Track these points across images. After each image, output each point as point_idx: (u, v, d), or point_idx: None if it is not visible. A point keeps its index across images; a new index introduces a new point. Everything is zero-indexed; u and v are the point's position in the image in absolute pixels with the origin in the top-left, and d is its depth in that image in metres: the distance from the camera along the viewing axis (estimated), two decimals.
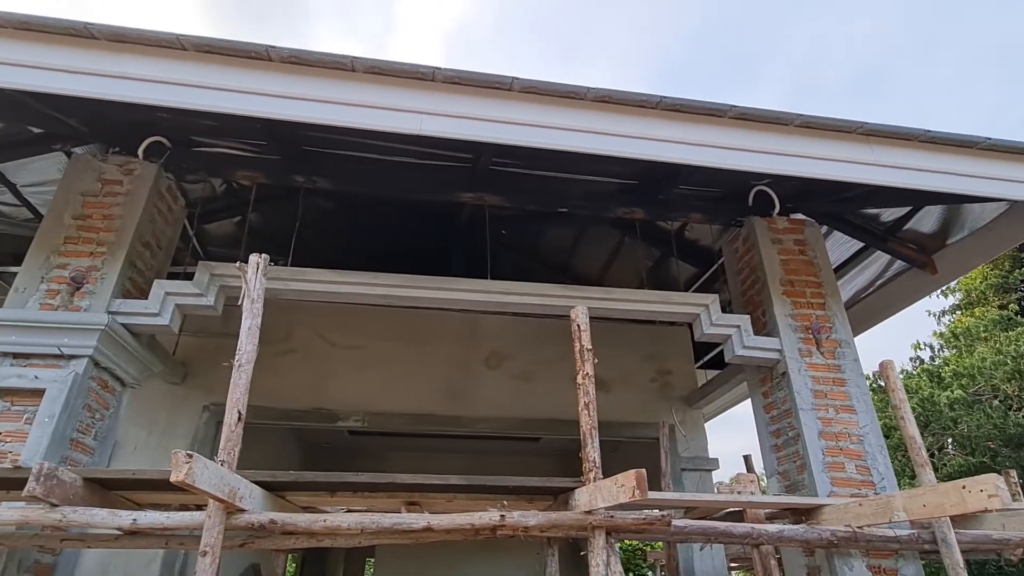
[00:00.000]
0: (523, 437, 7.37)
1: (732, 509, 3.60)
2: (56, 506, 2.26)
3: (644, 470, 2.20)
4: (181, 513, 2.36)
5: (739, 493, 3.29)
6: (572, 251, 6.75)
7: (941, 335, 13.99)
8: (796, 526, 3.00)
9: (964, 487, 2.41)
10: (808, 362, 4.17)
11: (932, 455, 11.14)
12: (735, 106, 3.46)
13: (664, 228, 5.70)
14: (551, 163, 4.40)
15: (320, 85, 3.12)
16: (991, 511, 2.59)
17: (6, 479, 2.48)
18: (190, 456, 1.98)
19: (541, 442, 8.40)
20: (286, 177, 4.31)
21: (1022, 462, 9.36)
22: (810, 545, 3.17)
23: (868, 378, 12.95)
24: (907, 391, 12.13)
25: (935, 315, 15.41)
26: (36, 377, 3.23)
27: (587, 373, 2.94)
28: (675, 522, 2.73)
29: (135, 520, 2.29)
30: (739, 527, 2.90)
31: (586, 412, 2.84)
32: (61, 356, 3.33)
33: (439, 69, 3.18)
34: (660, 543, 10.61)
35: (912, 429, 3.05)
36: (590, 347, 3.01)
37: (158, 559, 4.81)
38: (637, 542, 16.00)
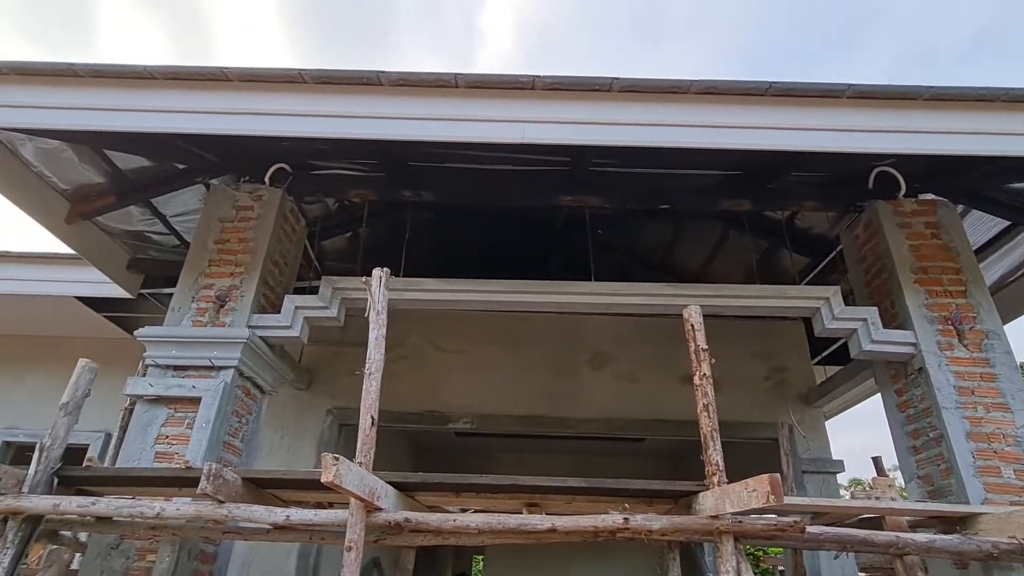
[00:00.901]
0: (627, 438, 7.28)
1: (867, 516, 3.36)
2: (222, 503, 2.53)
3: (778, 475, 2.11)
4: (327, 511, 2.57)
5: (877, 499, 3.06)
6: (671, 247, 6.57)
7: None
8: (949, 536, 2.74)
9: None
10: (949, 356, 3.80)
11: None
12: (853, 84, 3.23)
13: (772, 218, 5.40)
14: (651, 160, 4.31)
15: (427, 104, 3.28)
16: None
17: (177, 478, 2.81)
18: (337, 459, 2.15)
19: (645, 443, 8.25)
20: (394, 192, 4.55)
21: None
22: (965, 557, 2.89)
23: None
24: None
25: None
26: (194, 387, 3.63)
27: (704, 374, 2.86)
28: (809, 528, 2.60)
29: (288, 516, 2.52)
30: (881, 535, 2.70)
31: (705, 414, 2.77)
32: (212, 367, 3.72)
33: (539, 77, 3.23)
34: (778, 549, 10.07)
35: None
36: (706, 347, 2.93)
37: (295, 551, 5.24)
38: (748, 545, 15.24)
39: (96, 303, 5.61)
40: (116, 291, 5.13)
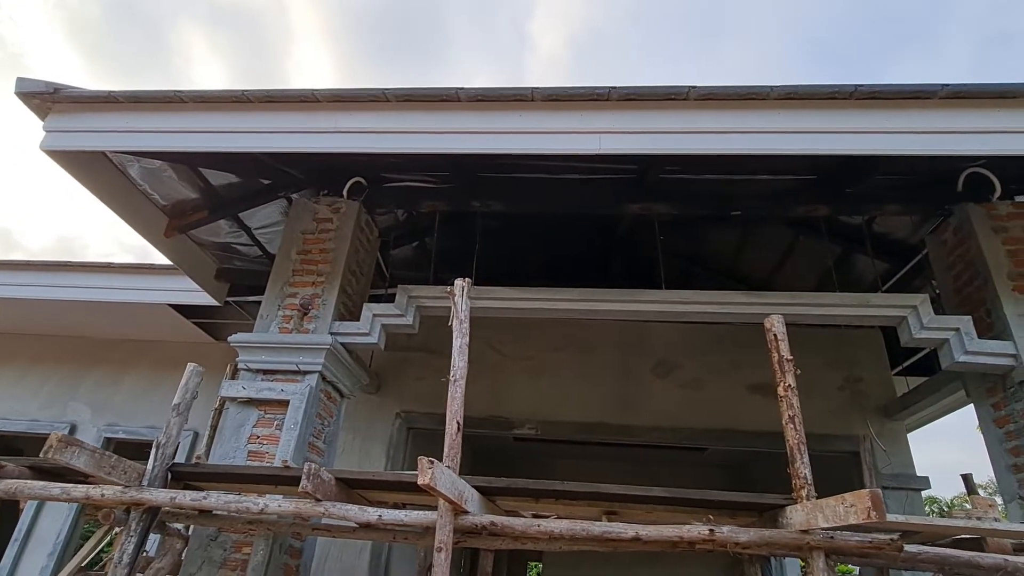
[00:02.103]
0: (689, 447, 7.15)
1: (964, 536, 3.19)
2: (319, 500, 2.68)
3: (879, 491, 2.05)
4: (416, 512, 2.67)
5: (978, 519, 2.91)
6: (738, 253, 6.44)
7: None
8: None
9: None
10: None
11: None
12: (947, 85, 3.11)
13: (848, 223, 5.21)
14: (721, 166, 4.27)
15: (504, 118, 3.37)
16: None
17: (276, 476, 2.98)
18: (432, 462, 2.24)
19: (707, 453, 8.07)
20: (464, 203, 4.66)
21: None
22: None
23: None
24: None
25: None
26: (282, 390, 3.83)
27: (789, 385, 2.81)
28: (906, 547, 2.50)
29: (380, 516, 2.63)
30: (988, 558, 2.57)
31: (791, 426, 2.72)
32: (298, 371, 3.92)
33: (614, 88, 3.26)
34: (851, 567, 9.61)
35: None
36: (790, 357, 2.88)
37: (368, 550, 5.42)
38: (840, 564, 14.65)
39: (187, 310, 6.00)
40: (205, 299, 5.47)
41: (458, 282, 3.03)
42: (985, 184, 4.10)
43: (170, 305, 5.82)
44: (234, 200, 4.74)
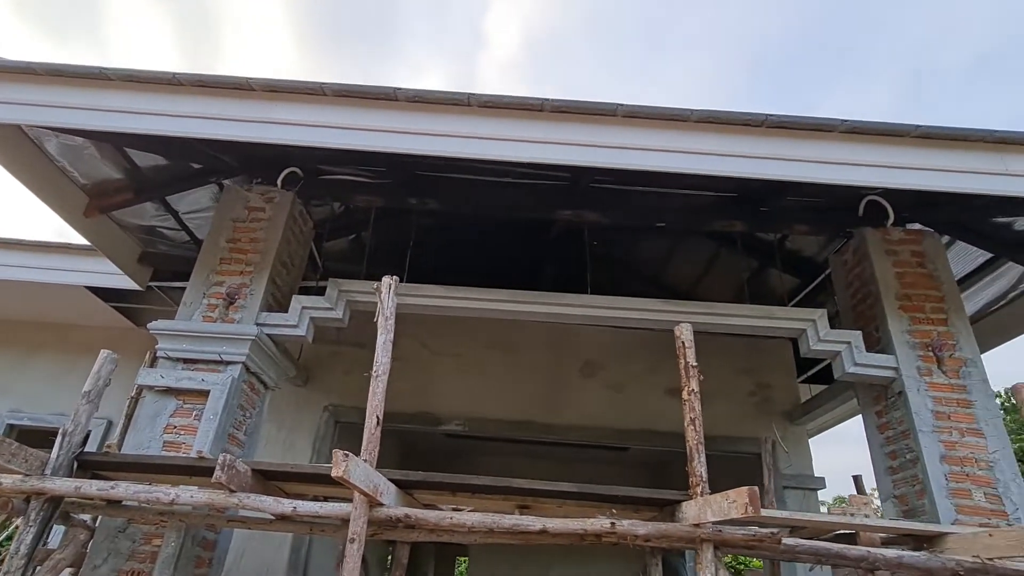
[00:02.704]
0: (613, 447, 7.44)
1: (843, 531, 3.52)
2: (233, 492, 2.67)
3: (756, 488, 2.27)
4: (331, 504, 2.71)
5: (852, 515, 3.23)
6: (665, 262, 6.76)
7: None
8: (917, 553, 2.90)
9: None
10: (929, 381, 3.98)
11: None
12: (846, 120, 3.42)
13: (764, 239, 5.59)
14: (649, 179, 4.49)
15: (440, 120, 3.44)
16: None
17: (190, 466, 2.95)
18: (347, 455, 2.30)
19: (629, 452, 8.41)
20: (400, 200, 4.70)
21: None
22: (932, 574, 3.06)
23: (999, 396, 11.83)
24: None
25: None
26: (203, 380, 3.77)
27: (693, 389, 3.03)
28: (785, 540, 2.76)
29: (295, 508, 2.66)
30: (853, 550, 2.87)
31: (692, 427, 2.93)
32: (221, 362, 3.86)
33: (547, 100, 3.40)
34: (758, 561, 10.24)
35: None
36: (695, 364, 3.10)
37: (287, 543, 5.36)
38: (730, 557, 15.48)
39: (105, 293, 5.73)
40: (126, 283, 5.26)
41: (385, 279, 3.09)
42: (882, 211, 4.50)
43: (87, 287, 5.55)
44: (162, 183, 4.59)
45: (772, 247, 5.45)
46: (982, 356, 4.22)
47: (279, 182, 4.53)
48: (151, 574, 3.27)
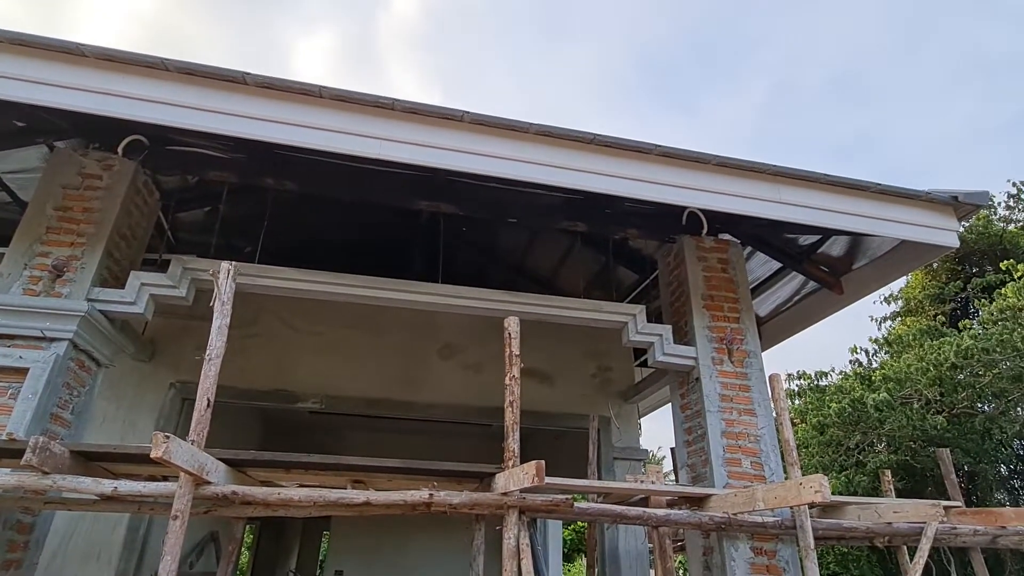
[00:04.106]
0: (474, 423, 7.89)
1: (641, 495, 4.16)
2: (48, 474, 2.66)
3: (544, 461, 2.70)
4: (156, 483, 2.78)
5: (642, 481, 3.84)
6: (526, 252, 7.23)
7: (877, 340, 14.94)
8: (681, 511, 3.56)
9: (801, 484, 2.99)
10: (719, 369, 4.74)
11: (861, 451, 12.12)
12: (659, 145, 3.95)
13: (608, 237, 6.20)
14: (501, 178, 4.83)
15: (290, 109, 3.51)
16: (817, 503, 3.17)
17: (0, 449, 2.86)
18: (167, 437, 2.40)
19: (492, 428, 8.94)
20: (256, 178, 4.66)
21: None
22: (695, 527, 3.75)
23: (807, 376, 13.90)
24: (841, 392, 13.08)
25: (877, 321, 16.41)
26: (20, 357, 3.57)
27: (514, 376, 3.43)
28: (577, 504, 3.26)
29: (116, 488, 2.70)
30: (632, 510, 3.45)
31: (510, 409, 3.34)
32: (43, 338, 3.67)
33: (398, 100, 3.59)
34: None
35: (788, 433, 3.64)
36: (518, 353, 3.50)
37: (123, 524, 5.19)
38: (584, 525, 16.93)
39: None
40: None
41: (224, 264, 3.14)
42: (699, 222, 5.21)
43: None
44: None
45: (616, 245, 6.06)
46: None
47: (120, 150, 4.31)
48: None
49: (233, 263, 3.16)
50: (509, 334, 3.52)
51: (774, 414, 4.47)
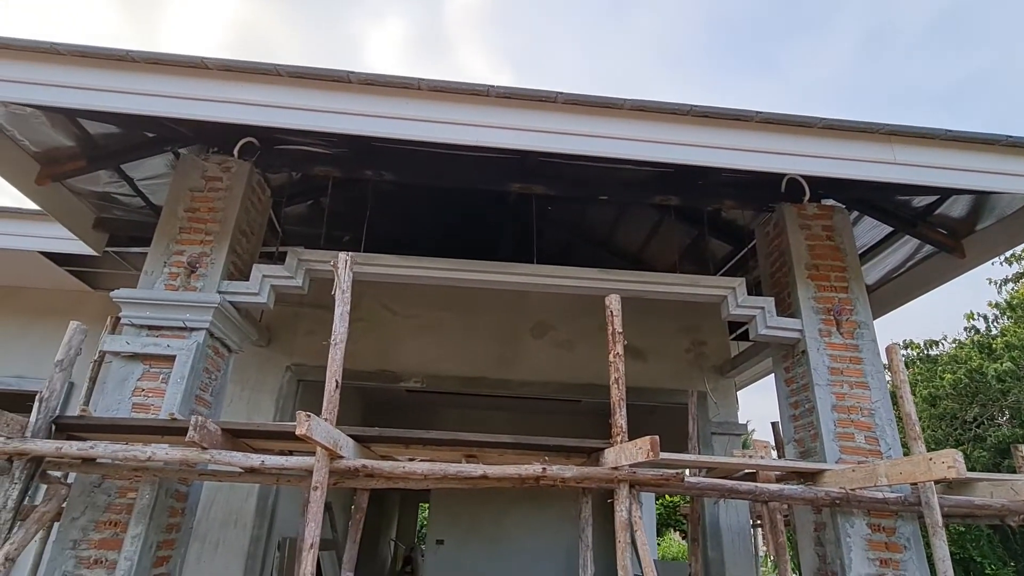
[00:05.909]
0: (564, 399, 8.00)
1: (748, 471, 4.10)
2: (206, 449, 2.99)
3: (658, 436, 2.72)
4: (296, 457, 3.06)
5: (750, 457, 3.78)
6: (613, 228, 7.16)
7: (997, 305, 13.62)
8: (795, 486, 3.48)
9: (931, 459, 2.82)
10: (827, 342, 4.53)
11: (980, 424, 11.19)
12: (760, 112, 3.78)
13: (700, 209, 6.02)
14: (591, 156, 4.80)
15: (391, 104, 3.65)
16: (950, 479, 2.99)
17: (163, 427, 3.24)
18: (309, 416, 2.63)
19: (581, 404, 9.03)
20: (357, 171, 4.89)
21: None
22: (808, 503, 3.65)
23: (915, 345, 12.94)
24: (956, 361, 12.11)
25: (996, 283, 14.93)
26: (168, 346, 3.99)
27: (618, 353, 3.45)
28: (688, 479, 3.27)
29: (263, 461, 3.00)
30: (744, 485, 3.41)
31: (616, 386, 3.37)
32: (185, 328, 4.08)
33: (493, 87, 3.64)
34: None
35: (909, 407, 3.45)
36: (621, 331, 3.51)
37: (255, 493, 5.73)
38: (679, 498, 16.80)
39: (59, 258, 5.77)
40: (81, 247, 5.32)
41: (341, 255, 3.36)
42: (800, 188, 4.95)
43: (41, 252, 5.58)
44: (115, 151, 4.64)
45: (709, 216, 5.88)
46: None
47: (236, 152, 4.65)
48: (128, 523, 3.59)
49: (350, 253, 3.36)
50: (611, 312, 3.54)
51: (889, 387, 4.24)
